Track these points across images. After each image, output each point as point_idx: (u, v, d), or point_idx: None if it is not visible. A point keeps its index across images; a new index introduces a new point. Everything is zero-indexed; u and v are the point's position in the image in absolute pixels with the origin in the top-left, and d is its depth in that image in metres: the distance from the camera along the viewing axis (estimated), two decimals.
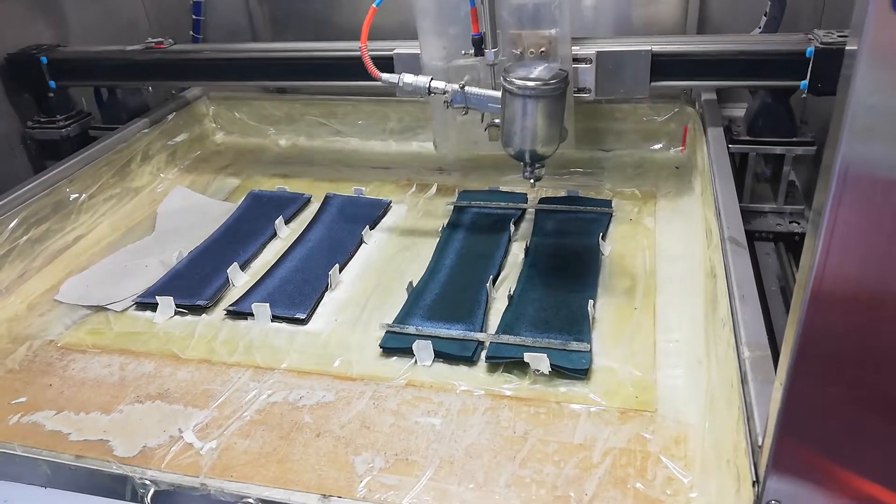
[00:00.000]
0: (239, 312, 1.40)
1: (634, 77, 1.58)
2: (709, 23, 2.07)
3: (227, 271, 1.51)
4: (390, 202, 1.79)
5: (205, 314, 1.42)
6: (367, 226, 1.67)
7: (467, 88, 1.39)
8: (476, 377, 1.20)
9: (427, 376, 1.21)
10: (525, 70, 1.28)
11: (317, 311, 1.41)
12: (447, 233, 1.62)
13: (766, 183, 1.69)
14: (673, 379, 1.17)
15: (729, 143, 1.61)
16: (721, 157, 1.52)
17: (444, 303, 1.37)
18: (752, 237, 1.52)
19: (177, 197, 1.90)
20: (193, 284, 1.49)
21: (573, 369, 1.17)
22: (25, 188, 1.61)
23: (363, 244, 1.63)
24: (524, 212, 1.70)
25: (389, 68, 1.60)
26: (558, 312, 1.32)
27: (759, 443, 0.78)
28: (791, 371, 0.66)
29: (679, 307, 1.34)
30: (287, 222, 1.74)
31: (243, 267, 1.56)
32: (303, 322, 1.37)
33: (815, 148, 1.60)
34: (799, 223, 1.60)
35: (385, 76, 1.43)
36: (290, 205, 1.81)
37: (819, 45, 1.48)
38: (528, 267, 1.47)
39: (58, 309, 1.47)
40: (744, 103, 1.83)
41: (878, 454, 0.68)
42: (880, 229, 0.59)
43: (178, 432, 1.12)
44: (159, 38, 1.97)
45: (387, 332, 1.30)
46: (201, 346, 1.33)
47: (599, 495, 0.97)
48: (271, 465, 1.05)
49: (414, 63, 1.59)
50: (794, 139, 1.61)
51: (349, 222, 1.70)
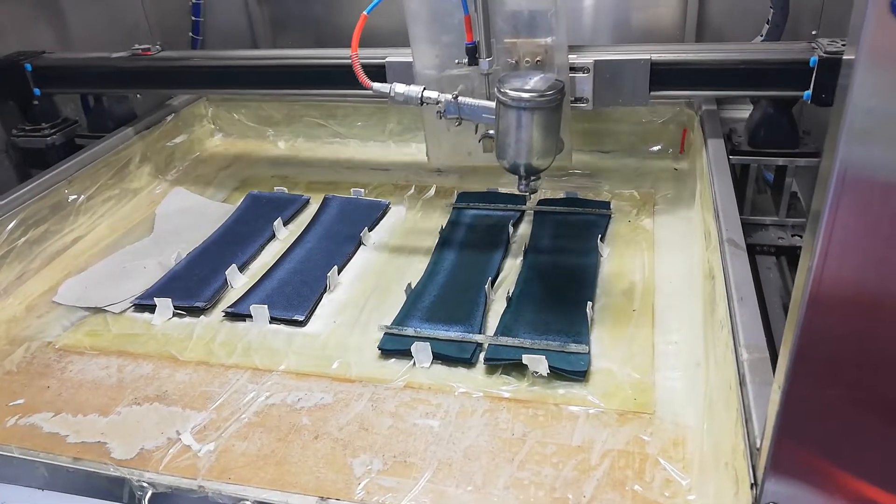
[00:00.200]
0: (237, 314, 1.40)
1: (633, 86, 1.53)
2: (708, 26, 2.07)
3: (226, 273, 1.51)
4: (389, 204, 1.80)
5: (203, 316, 1.42)
6: (366, 227, 1.67)
7: (461, 99, 1.35)
8: (474, 379, 1.20)
9: (425, 378, 1.21)
10: (520, 80, 1.25)
11: (315, 312, 1.40)
12: (446, 234, 1.62)
13: (769, 186, 1.66)
14: (671, 381, 1.17)
15: (730, 153, 1.57)
16: (721, 165, 1.49)
17: (443, 304, 1.37)
18: (752, 251, 1.45)
19: (175, 198, 1.90)
20: (192, 286, 1.48)
21: (572, 371, 1.17)
22: (24, 189, 1.60)
23: (362, 246, 1.63)
24: (523, 213, 1.70)
25: (382, 77, 1.57)
26: (557, 314, 1.32)
27: (758, 445, 0.78)
28: (789, 373, 0.66)
29: (677, 309, 1.34)
30: (286, 224, 1.74)
31: (242, 268, 1.56)
32: (301, 324, 1.37)
33: (818, 160, 1.54)
34: (801, 236, 1.54)
35: (376, 86, 1.39)
36: (288, 206, 1.81)
37: (823, 54, 1.44)
38: (527, 268, 1.47)
39: (56, 310, 1.46)
40: (745, 106, 1.79)
41: (877, 456, 0.68)
42: (878, 232, 0.59)
43: (175, 434, 1.12)
44: (146, 45, 1.89)
45: (385, 333, 1.30)
46: (199, 348, 1.33)
47: (598, 497, 0.96)
48: (269, 468, 1.05)
49: (407, 72, 1.55)
50: (796, 150, 1.57)
51: (348, 224, 1.70)
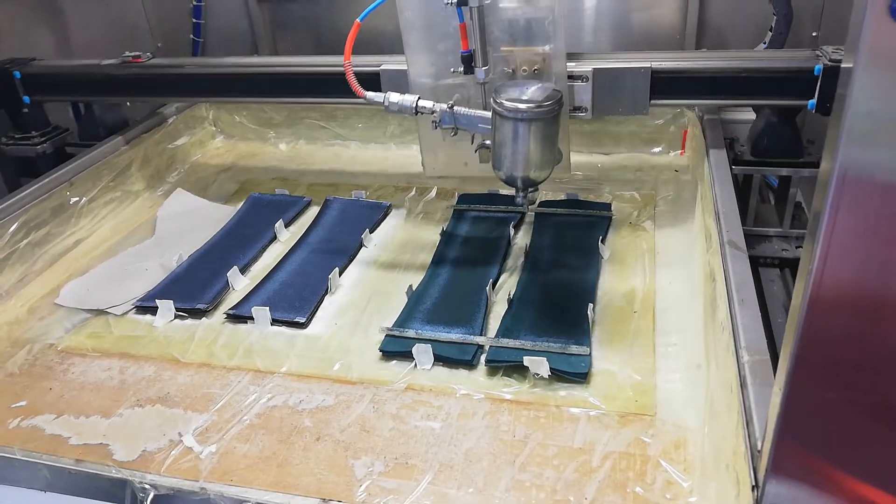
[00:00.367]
0: (239, 316, 1.40)
1: (633, 95, 1.49)
2: (708, 26, 2.07)
3: (227, 275, 1.51)
4: (390, 205, 1.80)
5: (205, 318, 1.42)
6: (367, 229, 1.67)
7: (456, 108, 1.33)
8: (476, 381, 1.20)
9: (427, 380, 1.21)
10: (517, 90, 1.22)
11: (316, 314, 1.41)
12: (447, 236, 1.63)
13: (772, 192, 1.65)
14: (672, 383, 1.17)
15: (732, 163, 1.54)
16: (723, 174, 1.46)
17: (444, 306, 1.37)
18: (755, 263, 1.40)
19: (177, 200, 1.90)
20: (193, 288, 1.49)
21: (573, 373, 1.17)
22: (26, 192, 1.61)
23: (363, 247, 1.63)
24: (524, 215, 1.70)
25: (377, 85, 1.53)
26: (558, 316, 1.32)
27: (759, 447, 0.78)
28: (790, 375, 0.66)
29: (678, 311, 1.34)
30: (287, 226, 1.74)
31: (243, 270, 1.56)
32: (302, 326, 1.37)
33: None
34: None
35: (370, 95, 1.36)
36: (289, 208, 1.81)
37: (828, 62, 1.40)
38: (528, 270, 1.48)
39: (58, 312, 1.47)
40: (748, 110, 1.78)
41: (877, 458, 0.68)
42: (878, 234, 0.59)
43: (177, 436, 1.12)
44: (137, 52, 1.86)
45: (386, 335, 1.30)
46: (201, 350, 1.33)
47: (599, 499, 0.96)
48: (271, 470, 1.05)
49: (402, 79, 1.51)
50: (800, 160, 1.53)
51: (349, 226, 1.70)
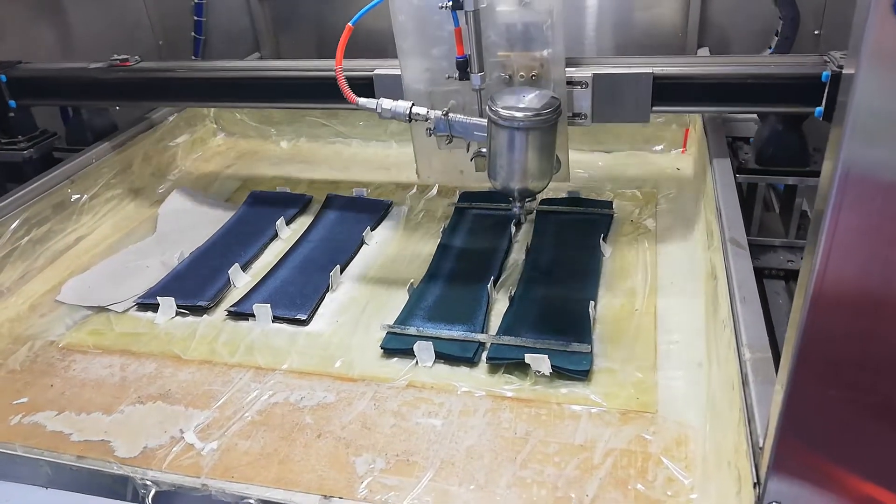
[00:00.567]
0: (240, 313, 1.40)
1: (635, 102, 1.44)
2: (710, 24, 2.07)
3: (229, 272, 1.51)
4: (391, 203, 1.80)
5: (206, 315, 1.42)
6: (368, 227, 1.67)
7: (451, 115, 1.28)
8: (477, 378, 1.20)
9: (428, 377, 1.21)
10: (514, 97, 1.18)
11: (318, 311, 1.41)
12: (448, 234, 1.62)
13: (777, 197, 1.63)
14: (674, 380, 1.17)
15: (736, 171, 1.49)
16: (727, 183, 1.43)
17: (445, 304, 1.38)
18: (760, 274, 1.34)
19: (178, 198, 1.90)
20: (195, 285, 1.49)
21: (574, 370, 1.17)
22: (27, 189, 1.61)
23: (364, 245, 1.63)
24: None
25: (371, 90, 1.49)
26: (559, 314, 1.32)
27: (760, 444, 0.78)
28: (792, 373, 0.66)
29: (680, 308, 1.34)
30: (288, 223, 1.74)
31: (244, 268, 1.56)
32: (304, 323, 1.37)
33: None
34: None
35: (362, 101, 1.31)
36: (291, 205, 1.81)
37: (836, 68, 1.34)
38: (529, 268, 1.48)
39: (59, 309, 1.47)
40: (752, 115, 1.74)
41: (880, 455, 0.68)
42: (880, 233, 0.59)
43: (179, 433, 1.12)
44: (125, 56, 1.78)
45: (388, 332, 1.30)
46: (202, 347, 1.33)
47: (600, 496, 0.97)
48: (272, 466, 1.05)
49: (396, 85, 1.45)
50: (806, 168, 1.48)
51: (350, 223, 1.70)
